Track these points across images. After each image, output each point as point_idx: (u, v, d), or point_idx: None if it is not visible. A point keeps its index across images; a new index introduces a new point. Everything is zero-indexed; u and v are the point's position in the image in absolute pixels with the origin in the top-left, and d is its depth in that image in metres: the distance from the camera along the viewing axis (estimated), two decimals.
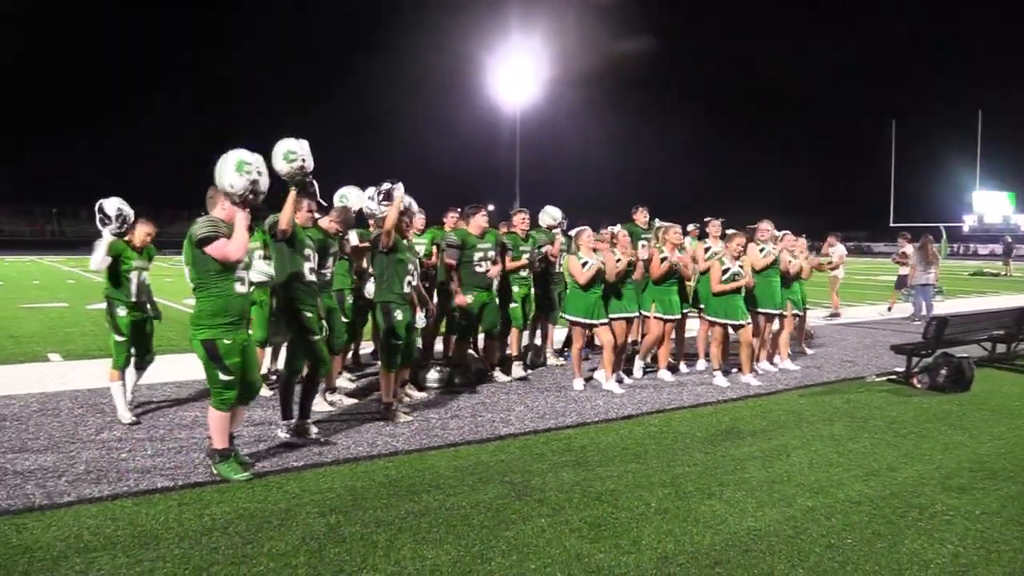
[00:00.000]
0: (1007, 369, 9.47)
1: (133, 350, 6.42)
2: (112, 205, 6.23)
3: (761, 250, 8.93)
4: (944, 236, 39.65)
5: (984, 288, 24.06)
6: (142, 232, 6.43)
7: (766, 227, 9.14)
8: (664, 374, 8.58)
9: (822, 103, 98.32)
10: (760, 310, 8.92)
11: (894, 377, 8.71)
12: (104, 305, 6.38)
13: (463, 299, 7.68)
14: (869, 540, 4.16)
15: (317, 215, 6.45)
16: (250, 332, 5.26)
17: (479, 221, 7.87)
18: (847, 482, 5.10)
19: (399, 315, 6.43)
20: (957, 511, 4.61)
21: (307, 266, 5.88)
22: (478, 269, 7.83)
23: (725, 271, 8.26)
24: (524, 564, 3.78)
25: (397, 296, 6.45)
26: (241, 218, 4.84)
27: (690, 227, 10.34)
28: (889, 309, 16.69)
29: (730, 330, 8.45)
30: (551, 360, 9.44)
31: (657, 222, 9.23)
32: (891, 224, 58.85)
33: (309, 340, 5.74)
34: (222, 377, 4.84)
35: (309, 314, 5.75)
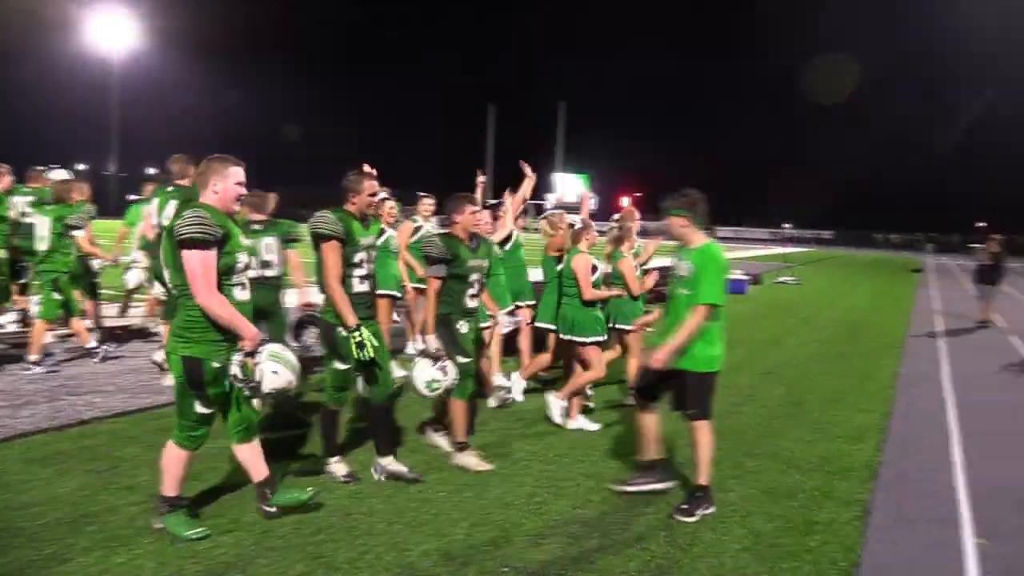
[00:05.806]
0: None
1: None
2: None
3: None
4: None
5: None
6: None
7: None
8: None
9: (437, 87, 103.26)
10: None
11: None
12: None
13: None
14: (460, 490, 4.52)
15: None
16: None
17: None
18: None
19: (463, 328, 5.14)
20: (535, 456, 5.21)
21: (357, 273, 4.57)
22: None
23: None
24: (110, 559, 3.48)
25: (460, 312, 5.10)
26: None
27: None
28: None
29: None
30: None
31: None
32: (489, 201, 64.38)
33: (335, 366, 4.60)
34: (198, 409, 3.71)
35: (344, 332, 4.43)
